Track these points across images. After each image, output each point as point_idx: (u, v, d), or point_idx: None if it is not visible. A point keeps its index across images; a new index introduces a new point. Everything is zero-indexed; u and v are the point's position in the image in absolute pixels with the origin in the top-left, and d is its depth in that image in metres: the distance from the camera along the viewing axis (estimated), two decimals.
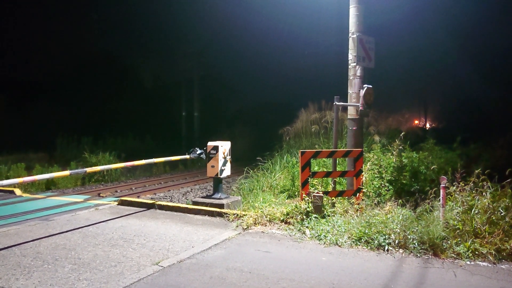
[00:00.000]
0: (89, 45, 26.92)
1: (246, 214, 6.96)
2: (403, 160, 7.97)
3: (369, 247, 5.47)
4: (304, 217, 6.44)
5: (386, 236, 5.50)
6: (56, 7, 25.77)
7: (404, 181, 7.69)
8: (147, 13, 28.59)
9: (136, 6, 28.29)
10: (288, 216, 6.63)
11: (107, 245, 5.77)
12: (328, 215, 6.50)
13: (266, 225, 6.59)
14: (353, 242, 5.62)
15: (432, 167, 7.58)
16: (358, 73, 7.52)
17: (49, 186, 12.87)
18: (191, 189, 12.99)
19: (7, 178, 11.97)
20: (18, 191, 11.24)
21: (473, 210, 5.54)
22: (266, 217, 6.75)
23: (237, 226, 6.64)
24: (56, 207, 9.30)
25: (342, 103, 7.75)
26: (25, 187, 12.05)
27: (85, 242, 5.91)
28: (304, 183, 6.79)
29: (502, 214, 5.42)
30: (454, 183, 6.08)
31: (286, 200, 8.17)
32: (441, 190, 5.82)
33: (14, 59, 24.92)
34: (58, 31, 25.59)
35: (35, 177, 6.47)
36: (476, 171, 6.02)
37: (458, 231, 5.40)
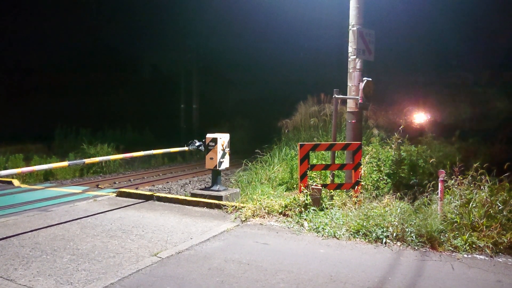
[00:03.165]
0: (88, 36, 26.77)
1: (245, 206, 6.97)
2: (402, 154, 7.97)
3: (367, 240, 5.49)
4: (303, 209, 6.45)
5: (384, 229, 5.52)
6: None
7: (402, 175, 7.71)
8: (147, 5, 28.40)
9: None
10: (286, 209, 6.64)
11: (106, 236, 5.78)
12: (327, 208, 6.52)
13: (264, 217, 6.60)
14: (351, 234, 5.63)
15: (431, 160, 7.59)
16: (358, 66, 7.50)
17: (47, 177, 12.88)
18: (190, 181, 13.00)
19: (5, 168, 11.96)
20: (16, 182, 11.24)
21: (471, 204, 5.55)
22: (265, 209, 6.76)
23: (235, 218, 6.66)
24: (54, 198, 9.30)
25: (341, 96, 7.73)
26: (23, 177, 12.06)
27: (83, 233, 5.92)
28: (303, 176, 6.79)
29: (499, 207, 5.44)
30: (452, 177, 6.09)
31: (285, 193, 8.19)
32: (439, 184, 5.83)
33: (13, 50, 24.77)
34: (57, 22, 25.42)
35: (34, 168, 6.47)
36: (475, 165, 6.03)
37: (455, 224, 5.42)
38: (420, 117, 10.37)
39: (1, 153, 14.72)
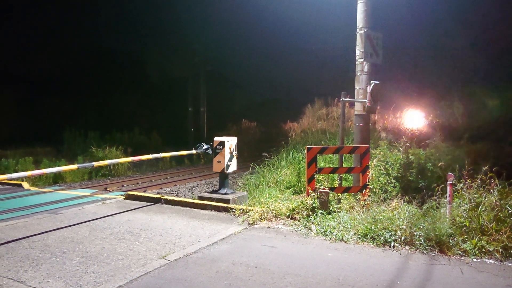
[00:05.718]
0: (96, 40, 27.02)
1: (252, 209, 6.97)
2: (410, 157, 7.93)
3: (375, 243, 5.47)
4: (310, 212, 6.44)
5: (392, 233, 5.49)
6: (63, 3, 25.88)
7: (410, 178, 7.66)
8: (154, 8, 28.61)
9: (142, 1, 28.33)
10: (294, 212, 6.64)
11: (114, 238, 5.81)
12: (334, 211, 6.50)
13: (272, 221, 6.60)
14: (359, 238, 5.61)
15: (439, 164, 7.54)
16: (366, 69, 7.49)
17: (56, 180, 12.98)
18: (197, 184, 13.03)
19: (15, 171, 12.09)
20: (26, 185, 11.35)
21: (480, 207, 5.51)
22: (272, 212, 6.76)
23: (243, 221, 6.66)
24: (63, 200, 9.37)
25: (349, 99, 7.73)
26: (33, 180, 12.16)
27: (92, 235, 5.96)
28: (310, 179, 6.78)
29: (509, 211, 5.39)
30: (461, 180, 6.04)
31: (292, 196, 8.18)
32: (448, 187, 5.80)
33: (22, 55, 25.07)
34: (65, 27, 25.70)
35: (44, 171, 6.52)
36: (484, 169, 5.98)
37: (464, 228, 5.38)
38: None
39: (11, 156, 14.89)
